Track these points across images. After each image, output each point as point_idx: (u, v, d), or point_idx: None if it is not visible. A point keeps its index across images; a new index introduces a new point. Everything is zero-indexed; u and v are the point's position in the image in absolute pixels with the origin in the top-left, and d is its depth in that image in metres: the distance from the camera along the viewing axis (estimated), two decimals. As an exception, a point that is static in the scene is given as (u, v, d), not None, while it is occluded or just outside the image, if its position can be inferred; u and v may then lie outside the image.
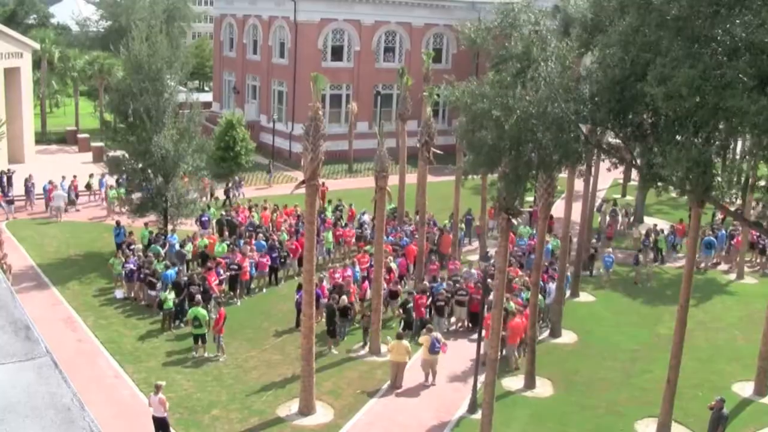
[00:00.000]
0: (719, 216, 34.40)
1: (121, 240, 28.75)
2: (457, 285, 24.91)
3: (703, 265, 31.35)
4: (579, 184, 27.72)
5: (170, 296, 23.64)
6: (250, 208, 33.58)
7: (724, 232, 33.03)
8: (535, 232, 28.93)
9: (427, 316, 24.37)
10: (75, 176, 37.05)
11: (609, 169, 19.39)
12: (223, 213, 32.90)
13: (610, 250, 31.73)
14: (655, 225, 34.48)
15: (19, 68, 43.02)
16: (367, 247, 28.35)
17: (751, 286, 30.63)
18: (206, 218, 31.68)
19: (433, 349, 20.63)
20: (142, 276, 25.58)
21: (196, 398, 19.66)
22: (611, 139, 19.72)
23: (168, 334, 23.36)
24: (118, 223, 30.20)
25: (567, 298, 26.93)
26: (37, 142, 47.30)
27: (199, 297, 22.87)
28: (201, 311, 21.88)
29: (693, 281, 18.00)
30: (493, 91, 16.19)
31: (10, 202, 34.77)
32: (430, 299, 24.36)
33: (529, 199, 34.51)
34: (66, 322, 23.84)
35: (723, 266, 32.51)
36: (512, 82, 16.46)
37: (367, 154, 42.69)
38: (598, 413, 19.90)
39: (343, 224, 32.15)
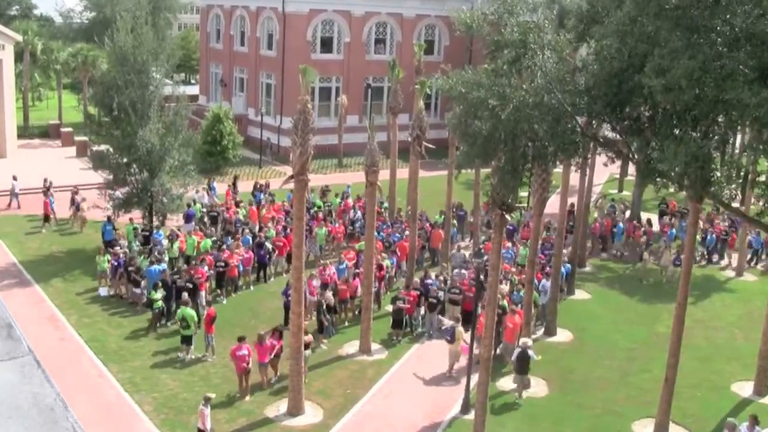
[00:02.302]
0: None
1: (111, 237, 28.24)
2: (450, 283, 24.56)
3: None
4: (574, 179, 27.38)
5: (158, 295, 23.16)
6: (237, 204, 33.06)
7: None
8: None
9: (423, 312, 24.01)
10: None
11: (605, 164, 19.08)
12: (210, 208, 32.43)
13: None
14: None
15: (1, 60, 42.66)
16: (359, 245, 27.82)
17: (751, 283, 30.43)
18: (191, 213, 31.15)
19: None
20: (126, 272, 25.09)
21: (183, 398, 19.35)
22: (608, 132, 19.36)
23: (154, 333, 22.95)
24: (109, 218, 29.59)
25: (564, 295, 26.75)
26: (20, 136, 46.89)
27: (185, 296, 22.37)
28: (189, 311, 21.39)
29: (691, 278, 17.69)
30: (488, 80, 15.74)
31: None
32: (423, 296, 23.94)
33: (523, 194, 34.12)
34: (49, 321, 23.43)
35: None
36: (508, 70, 16.02)
37: (357, 149, 42.24)
38: (594, 413, 19.64)
39: (332, 220, 31.65)
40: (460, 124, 16.64)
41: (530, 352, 19.96)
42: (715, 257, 32.22)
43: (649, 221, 34.20)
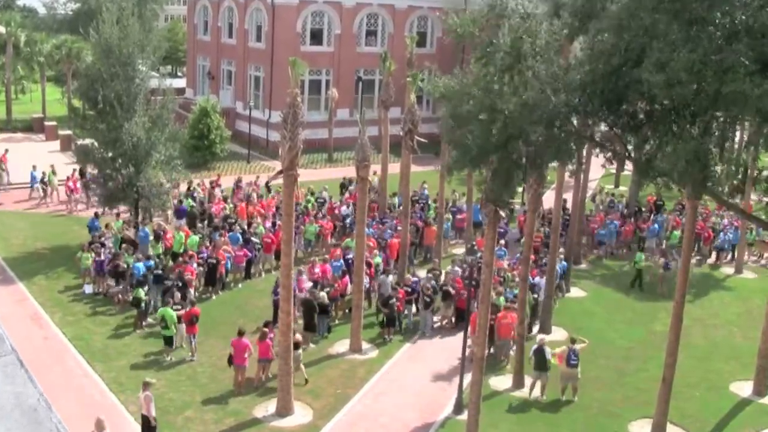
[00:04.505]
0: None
1: (96, 233, 27.71)
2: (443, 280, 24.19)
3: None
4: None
5: (143, 292, 22.70)
6: (225, 199, 32.58)
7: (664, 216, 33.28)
8: None
9: (414, 309, 23.70)
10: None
11: (603, 166, 18.80)
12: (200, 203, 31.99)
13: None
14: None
15: (-17, 52, 41.71)
16: (347, 241, 27.33)
17: (750, 281, 30.19)
18: (183, 209, 30.64)
19: (569, 362, 19.72)
20: (110, 269, 24.68)
21: (169, 398, 19.04)
22: (604, 128, 19.03)
23: (140, 332, 22.56)
24: (96, 214, 29.15)
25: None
26: (2, 130, 46.27)
27: (178, 296, 22.03)
28: (169, 312, 20.99)
29: (689, 276, 17.46)
30: (480, 93, 15.36)
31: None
32: (416, 294, 23.59)
33: (519, 190, 33.77)
34: (32, 319, 23.10)
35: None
36: (499, 79, 15.67)
37: (347, 143, 41.89)
38: (590, 414, 19.39)
39: (322, 216, 31.19)
40: (451, 130, 16.30)
41: (546, 349, 19.83)
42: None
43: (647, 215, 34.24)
